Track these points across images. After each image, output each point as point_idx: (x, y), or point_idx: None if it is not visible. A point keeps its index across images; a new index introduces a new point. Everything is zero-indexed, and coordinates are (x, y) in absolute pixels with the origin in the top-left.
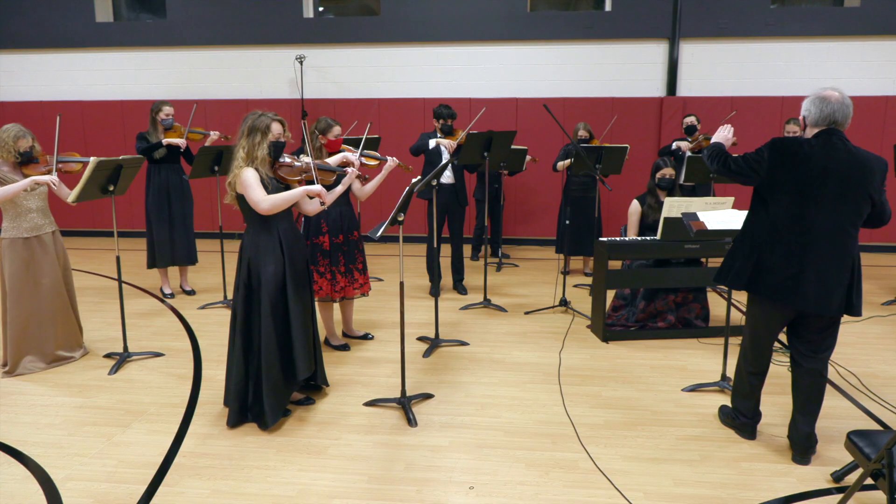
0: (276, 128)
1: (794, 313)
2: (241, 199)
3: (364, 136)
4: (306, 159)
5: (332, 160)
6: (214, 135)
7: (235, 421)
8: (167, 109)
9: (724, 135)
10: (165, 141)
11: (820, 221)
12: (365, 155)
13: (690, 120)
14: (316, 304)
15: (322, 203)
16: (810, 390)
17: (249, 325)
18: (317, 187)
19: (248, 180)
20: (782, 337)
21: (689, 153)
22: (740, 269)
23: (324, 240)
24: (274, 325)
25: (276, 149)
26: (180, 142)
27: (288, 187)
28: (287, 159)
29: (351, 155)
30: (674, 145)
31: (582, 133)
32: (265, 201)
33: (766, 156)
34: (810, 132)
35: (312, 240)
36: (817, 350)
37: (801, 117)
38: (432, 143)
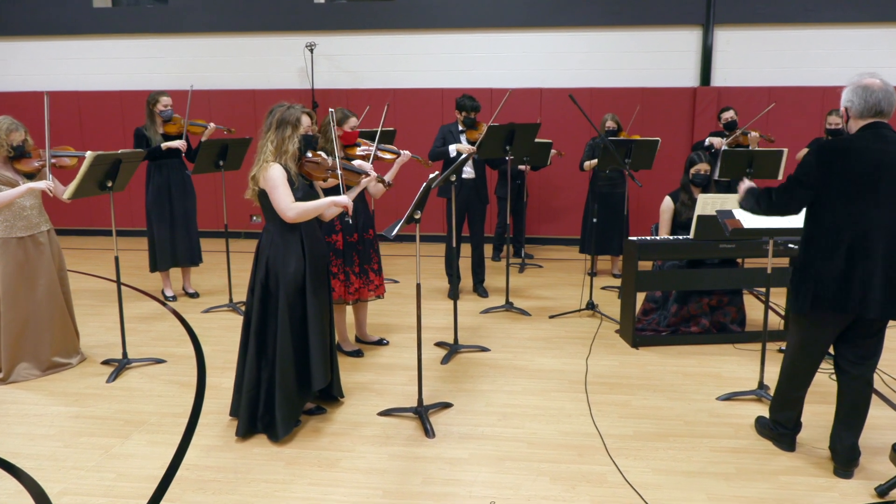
0: (305, 121)
1: (850, 319)
2: (262, 196)
3: (380, 127)
4: (330, 158)
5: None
6: (212, 127)
7: (245, 431)
8: (165, 100)
9: (745, 186)
10: (165, 146)
11: (879, 221)
12: (381, 149)
13: (730, 115)
14: None
15: (347, 215)
16: (856, 399)
17: (265, 330)
18: (344, 199)
19: (276, 179)
20: None
21: (724, 147)
22: (805, 289)
23: (337, 238)
24: (291, 330)
25: (307, 142)
26: (180, 143)
27: (312, 184)
28: (310, 155)
29: (365, 164)
30: (707, 141)
31: (609, 124)
32: (292, 210)
33: (814, 164)
34: (855, 125)
35: (325, 238)
36: (865, 356)
37: (842, 109)
38: (453, 150)
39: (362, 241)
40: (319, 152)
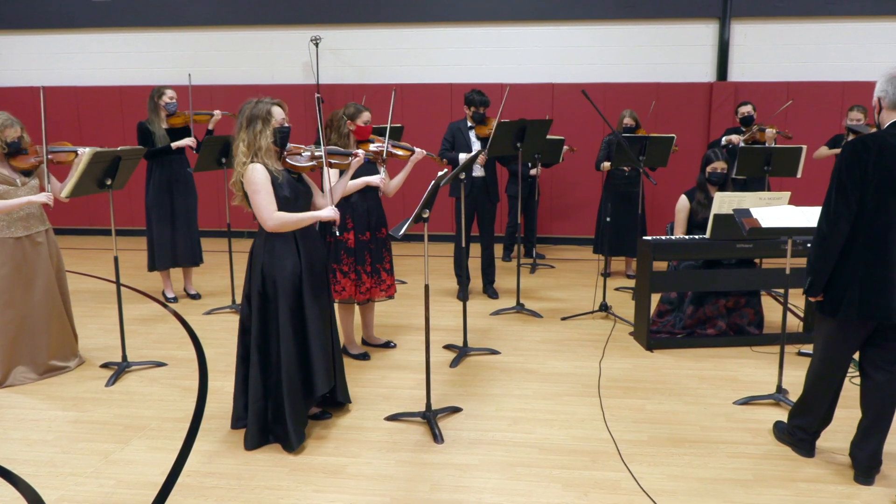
0: (277, 112)
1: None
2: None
3: (390, 115)
4: (318, 151)
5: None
6: (218, 114)
7: (256, 443)
8: (170, 93)
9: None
10: (175, 145)
11: None
12: (394, 145)
13: (746, 109)
14: (336, 306)
15: (334, 225)
16: (881, 405)
17: (266, 339)
18: (329, 214)
19: (257, 181)
20: None
21: (741, 144)
22: (849, 297)
23: (349, 237)
24: (293, 336)
25: (282, 136)
26: (189, 142)
27: (301, 177)
28: (290, 147)
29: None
30: (723, 139)
31: (627, 121)
32: (273, 219)
33: (853, 161)
34: (887, 117)
35: (337, 237)
36: (892, 360)
37: (875, 99)
38: (462, 159)
39: (374, 240)
40: (302, 145)
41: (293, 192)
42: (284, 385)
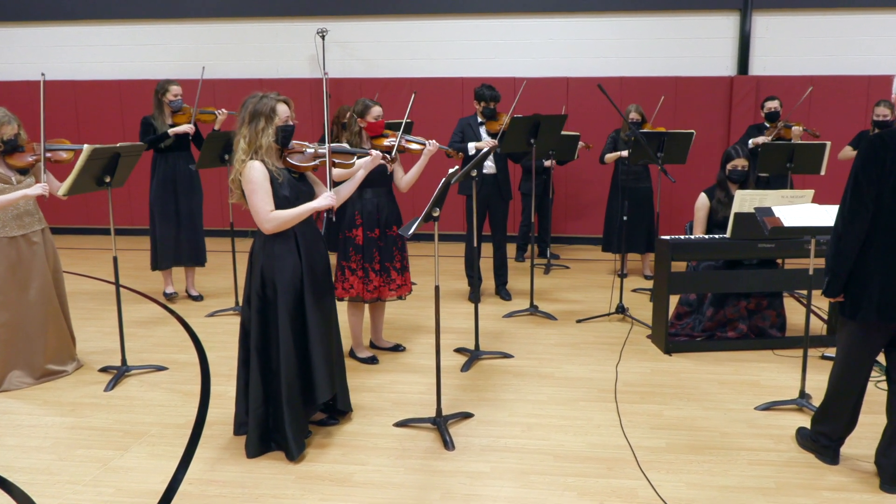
0: (282, 110)
1: None
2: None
3: (407, 113)
4: (322, 148)
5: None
6: (223, 114)
7: (257, 451)
8: (175, 90)
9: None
10: (172, 131)
11: None
12: (407, 139)
13: (773, 105)
14: (345, 306)
15: (332, 212)
16: None
17: (267, 343)
18: (326, 202)
19: (255, 181)
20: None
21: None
22: (867, 298)
23: (357, 233)
24: (293, 340)
25: (285, 134)
26: (188, 128)
27: (302, 176)
28: (294, 144)
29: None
30: (750, 142)
31: (633, 116)
32: (270, 220)
33: (870, 157)
34: None
35: (345, 233)
36: None
37: (894, 96)
38: (471, 148)
39: (384, 238)
40: (306, 143)
41: (293, 192)
42: (284, 392)
